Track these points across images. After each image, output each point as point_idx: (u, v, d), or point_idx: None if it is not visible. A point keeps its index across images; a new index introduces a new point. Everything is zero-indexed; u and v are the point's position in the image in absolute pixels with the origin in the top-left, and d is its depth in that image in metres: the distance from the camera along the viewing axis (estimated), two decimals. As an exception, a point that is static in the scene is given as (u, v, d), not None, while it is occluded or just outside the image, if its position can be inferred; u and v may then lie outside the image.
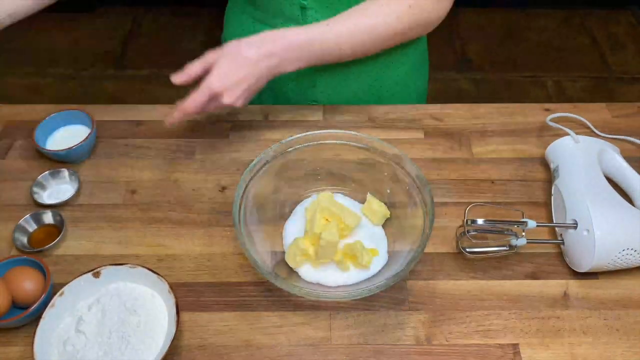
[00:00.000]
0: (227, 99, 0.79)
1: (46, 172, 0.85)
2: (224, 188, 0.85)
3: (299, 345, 0.69)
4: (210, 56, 0.80)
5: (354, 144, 0.80)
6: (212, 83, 0.78)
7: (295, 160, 0.81)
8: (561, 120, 0.91)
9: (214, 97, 0.79)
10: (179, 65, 0.81)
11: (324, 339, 0.69)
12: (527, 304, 0.72)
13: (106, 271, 0.70)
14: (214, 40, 0.94)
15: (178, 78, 0.80)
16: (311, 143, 0.80)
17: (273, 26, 0.90)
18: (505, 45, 2.50)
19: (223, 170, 0.88)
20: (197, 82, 0.80)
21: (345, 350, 0.68)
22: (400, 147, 0.89)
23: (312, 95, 0.99)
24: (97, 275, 0.70)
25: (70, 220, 0.81)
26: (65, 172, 0.85)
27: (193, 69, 0.80)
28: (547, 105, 0.98)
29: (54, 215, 0.80)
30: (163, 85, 2.23)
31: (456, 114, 0.97)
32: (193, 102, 0.79)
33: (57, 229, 0.79)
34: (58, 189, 0.85)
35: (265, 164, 0.78)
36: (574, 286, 0.74)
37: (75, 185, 0.84)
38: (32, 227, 0.80)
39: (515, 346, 0.69)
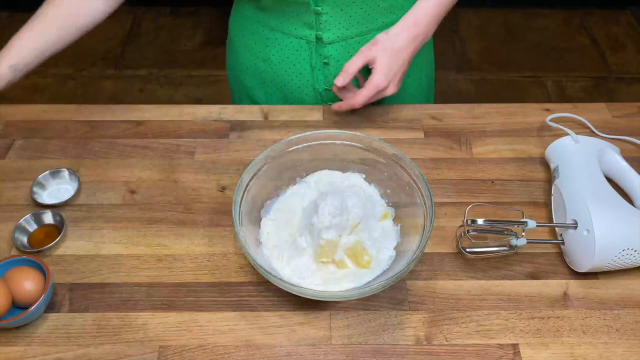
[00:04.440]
0: (390, 91, 0.87)
1: (46, 172, 0.85)
2: (224, 188, 0.85)
3: (299, 345, 0.69)
4: (366, 53, 0.85)
5: (354, 144, 0.80)
6: (380, 81, 0.85)
7: (295, 160, 0.81)
8: (561, 120, 0.91)
9: (380, 92, 0.86)
10: (179, 65, 0.81)
11: (324, 338, 0.69)
12: (527, 304, 0.72)
13: None
14: (214, 40, 0.95)
15: (342, 80, 0.85)
16: (311, 143, 0.80)
17: (287, 32, 0.93)
18: (505, 45, 2.50)
19: (223, 170, 0.88)
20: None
21: (345, 350, 0.68)
22: (400, 147, 0.89)
23: (326, 96, 1.00)
24: None
25: (70, 220, 0.81)
26: (65, 172, 0.85)
27: (353, 67, 0.85)
28: (547, 105, 0.98)
29: (54, 215, 0.80)
30: (163, 85, 2.25)
31: (456, 114, 0.97)
32: (362, 98, 0.86)
33: (57, 229, 0.79)
34: (58, 189, 0.85)
35: (265, 164, 0.78)
36: (574, 286, 0.74)
37: (75, 185, 0.84)
38: (32, 227, 0.80)
39: (515, 346, 0.69)
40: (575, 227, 0.73)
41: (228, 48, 1.06)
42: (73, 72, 2.32)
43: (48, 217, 0.81)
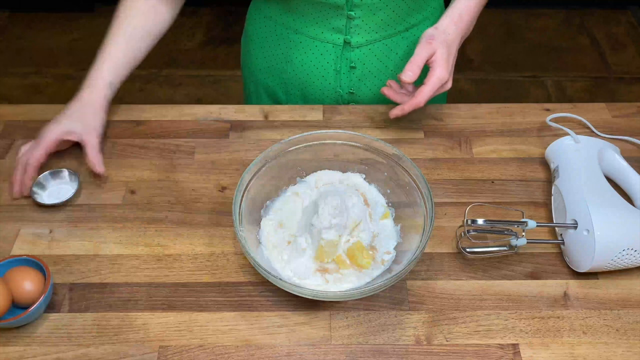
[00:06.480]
0: (449, 84, 0.85)
1: (46, 172, 0.85)
2: (224, 188, 0.85)
3: (299, 345, 0.69)
4: (427, 47, 0.83)
5: (354, 144, 0.81)
6: (443, 74, 0.83)
7: (295, 160, 0.81)
8: (561, 120, 0.91)
9: (442, 86, 0.84)
10: (179, 65, 0.81)
11: (324, 338, 0.69)
12: (527, 304, 0.72)
13: None
14: (214, 40, 0.94)
15: (412, 75, 0.81)
16: (311, 143, 0.80)
17: (313, 36, 0.93)
18: (505, 45, 2.50)
19: (223, 170, 0.88)
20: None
21: (345, 350, 0.68)
22: (400, 147, 0.89)
23: (348, 99, 1.01)
24: None
25: (70, 220, 0.81)
26: (65, 172, 0.85)
27: (419, 60, 0.82)
28: (547, 105, 0.99)
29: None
30: (163, 85, 2.25)
31: (456, 114, 0.97)
32: (427, 94, 0.83)
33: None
34: (58, 189, 0.85)
35: (265, 164, 0.78)
36: (574, 286, 0.74)
37: (75, 185, 0.84)
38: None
39: (515, 346, 0.69)
40: (575, 227, 0.73)
41: (245, 45, 1.06)
42: (73, 72, 2.32)
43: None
